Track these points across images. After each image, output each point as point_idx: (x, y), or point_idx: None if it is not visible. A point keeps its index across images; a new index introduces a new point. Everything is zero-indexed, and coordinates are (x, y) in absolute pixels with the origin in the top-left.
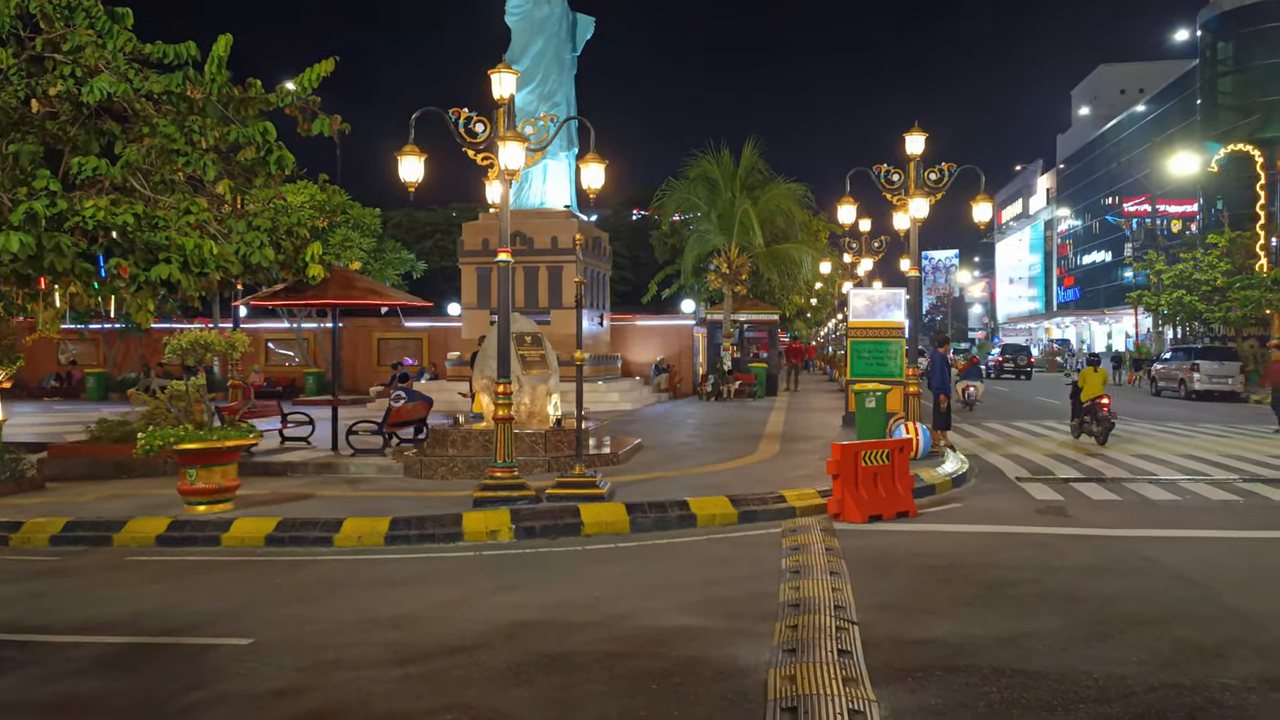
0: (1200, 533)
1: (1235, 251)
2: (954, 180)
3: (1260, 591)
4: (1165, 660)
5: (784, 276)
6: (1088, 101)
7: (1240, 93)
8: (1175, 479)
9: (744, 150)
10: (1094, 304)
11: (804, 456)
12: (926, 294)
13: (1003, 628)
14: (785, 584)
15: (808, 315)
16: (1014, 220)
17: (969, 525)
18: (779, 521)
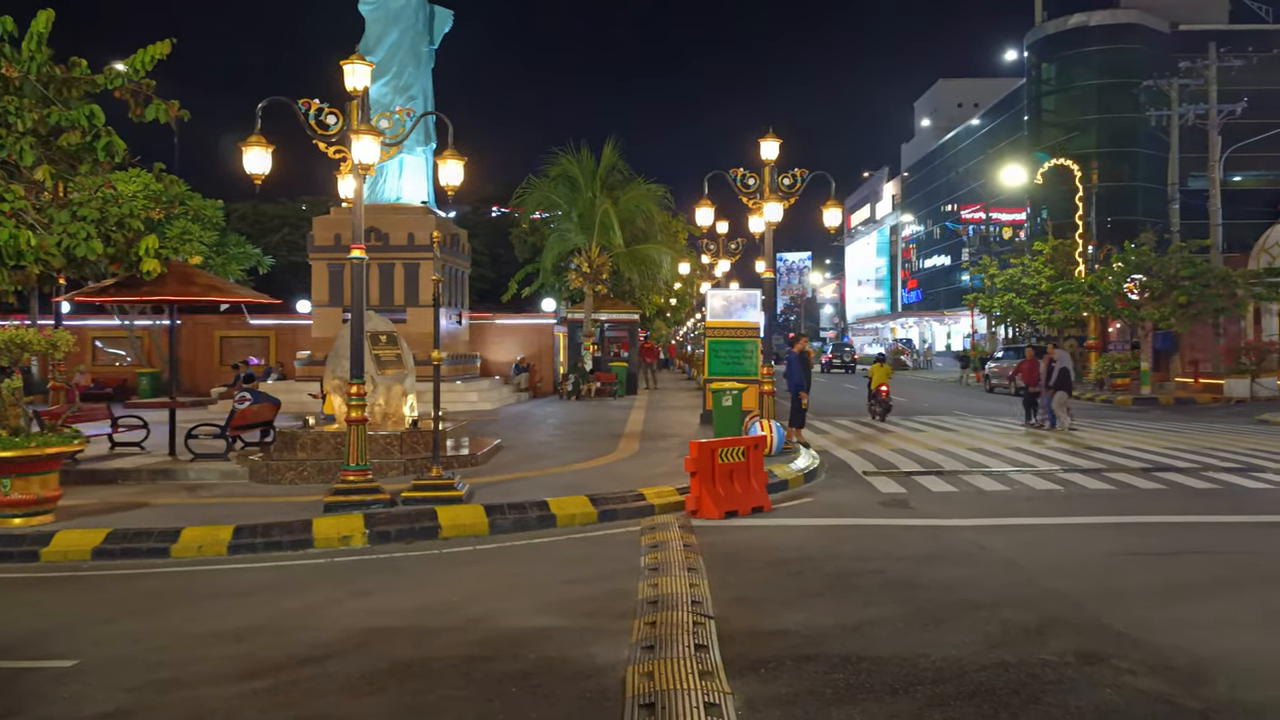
0: (1027, 520)
1: (1058, 258)
2: (806, 185)
3: (1077, 573)
4: (994, 641)
5: (644, 276)
6: (928, 114)
7: (1062, 110)
8: (1005, 470)
9: (604, 150)
10: (935, 305)
11: (663, 454)
12: (781, 295)
13: (849, 616)
14: (644, 581)
15: (668, 315)
16: (862, 225)
17: (819, 519)
18: (638, 520)
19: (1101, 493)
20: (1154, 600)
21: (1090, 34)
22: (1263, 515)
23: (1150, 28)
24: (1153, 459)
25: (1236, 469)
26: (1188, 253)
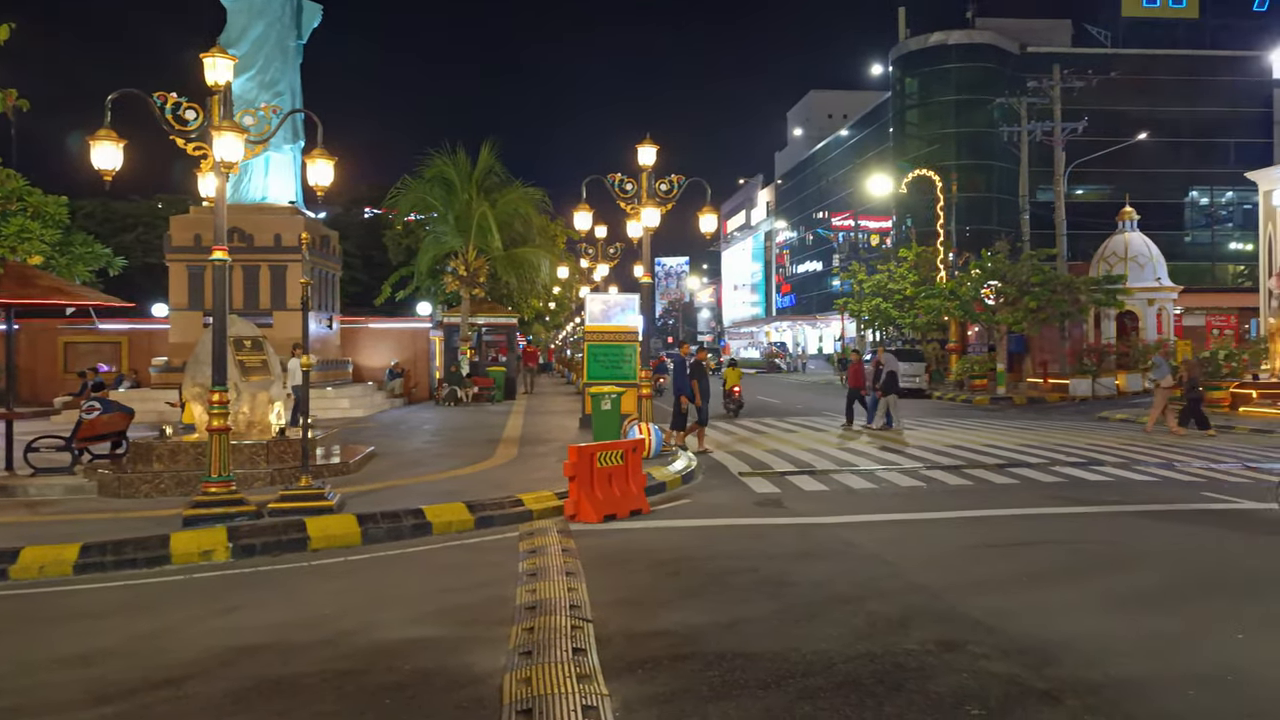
0: (893, 516)
1: (921, 264)
2: (684, 191)
3: (938, 566)
4: (860, 633)
5: (523, 280)
6: (801, 123)
7: (924, 124)
8: (873, 469)
9: (481, 152)
10: (808, 310)
11: (542, 459)
12: (660, 299)
13: (725, 615)
14: (522, 587)
15: (547, 319)
16: (739, 230)
17: (697, 520)
18: (517, 525)
19: (961, 488)
20: (1007, 588)
21: (948, 52)
22: (1102, 506)
23: (1002, 48)
24: (1007, 455)
25: (1080, 463)
26: (1037, 261)
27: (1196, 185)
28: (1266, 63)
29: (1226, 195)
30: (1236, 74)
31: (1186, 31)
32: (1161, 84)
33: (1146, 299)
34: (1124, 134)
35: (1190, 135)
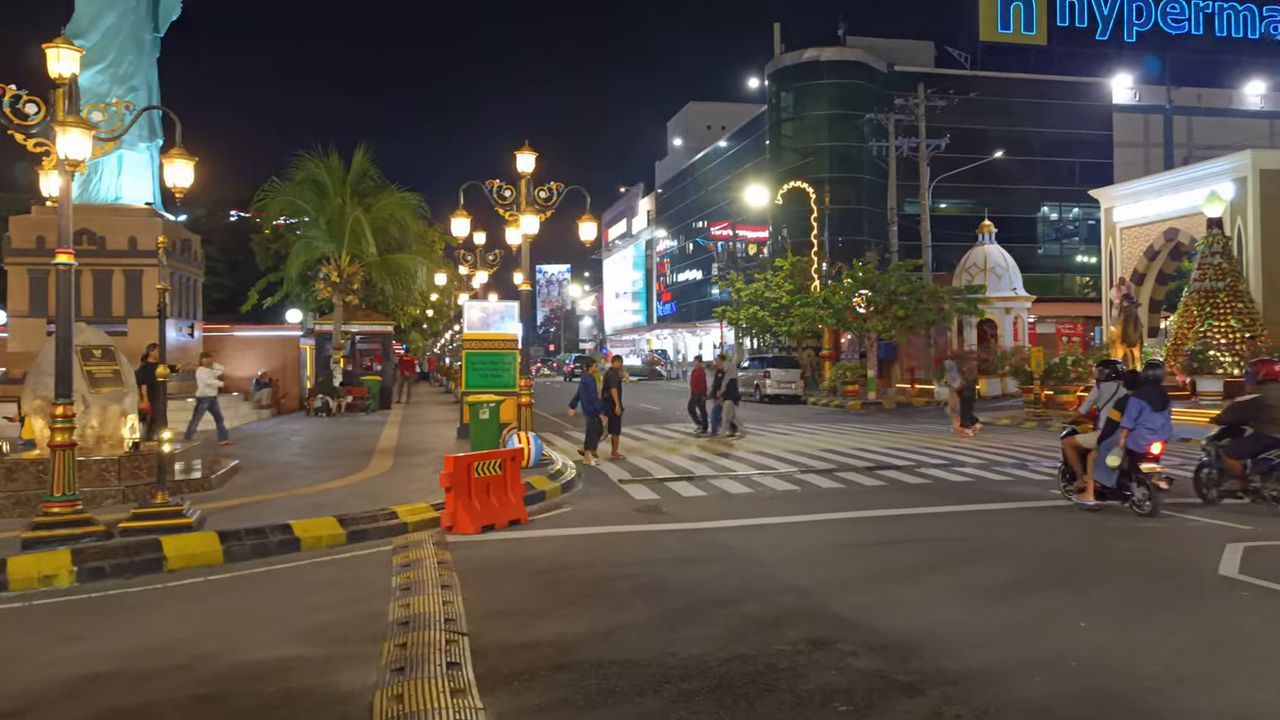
0: (768, 520)
1: (796, 274)
2: (566, 198)
3: (811, 566)
4: (736, 635)
5: (399, 287)
6: (680, 134)
7: (798, 137)
8: (749, 474)
9: (356, 155)
10: (688, 318)
11: (418, 470)
12: (541, 306)
13: (603, 623)
14: (396, 602)
15: (424, 326)
16: (620, 239)
17: (576, 528)
18: (391, 539)
19: (833, 491)
20: (875, 586)
21: (821, 68)
22: (962, 505)
23: (871, 67)
24: (876, 458)
25: (943, 464)
26: (905, 271)
27: (1047, 201)
28: (1107, 89)
29: (1074, 211)
30: (1081, 98)
31: (1037, 57)
32: (1015, 105)
33: (1004, 308)
34: (983, 151)
35: (1041, 154)
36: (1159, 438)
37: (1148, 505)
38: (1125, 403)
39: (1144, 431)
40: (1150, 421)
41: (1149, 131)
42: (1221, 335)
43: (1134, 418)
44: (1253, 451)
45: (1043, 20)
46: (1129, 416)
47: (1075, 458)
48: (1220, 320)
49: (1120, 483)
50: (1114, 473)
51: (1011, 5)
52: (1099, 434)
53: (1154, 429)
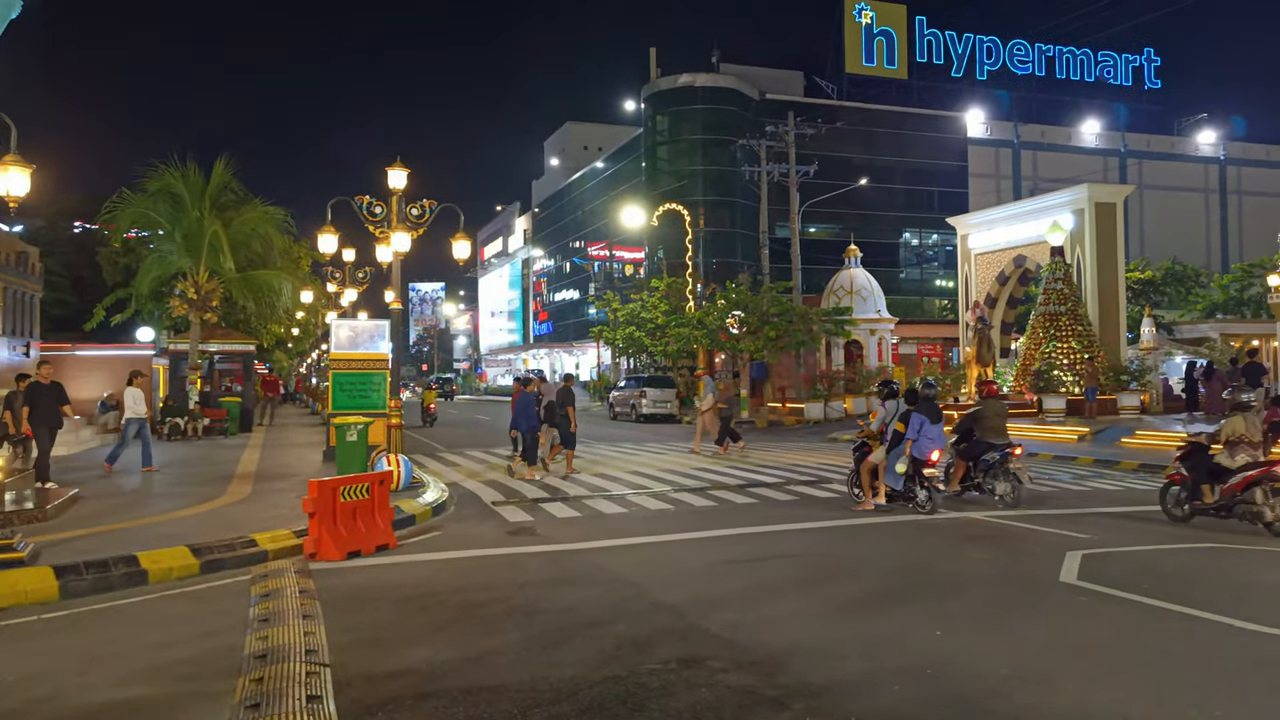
0: (642, 539)
1: (672, 294)
2: (439, 216)
3: (683, 585)
4: (608, 656)
5: (262, 304)
6: (558, 153)
7: (674, 160)
8: (624, 494)
9: (216, 167)
10: (565, 337)
11: (280, 496)
12: (414, 325)
13: (472, 648)
14: (253, 635)
15: (289, 345)
16: (496, 257)
17: (447, 552)
18: (249, 568)
19: (706, 509)
20: (745, 603)
21: (696, 93)
22: (829, 520)
23: (744, 93)
24: (747, 476)
25: (811, 481)
26: (776, 293)
27: (909, 227)
28: (962, 122)
29: (933, 237)
30: (939, 131)
31: (899, 90)
32: (879, 135)
33: (869, 329)
34: (849, 179)
35: (903, 182)
36: (937, 446)
37: (929, 505)
38: (908, 417)
39: (925, 442)
40: (929, 433)
41: (999, 163)
42: (1064, 356)
43: (916, 430)
44: (975, 455)
45: (903, 56)
46: (912, 429)
47: (866, 477)
48: (1063, 342)
49: (906, 486)
50: (901, 478)
51: (875, 41)
52: (887, 446)
53: (933, 439)
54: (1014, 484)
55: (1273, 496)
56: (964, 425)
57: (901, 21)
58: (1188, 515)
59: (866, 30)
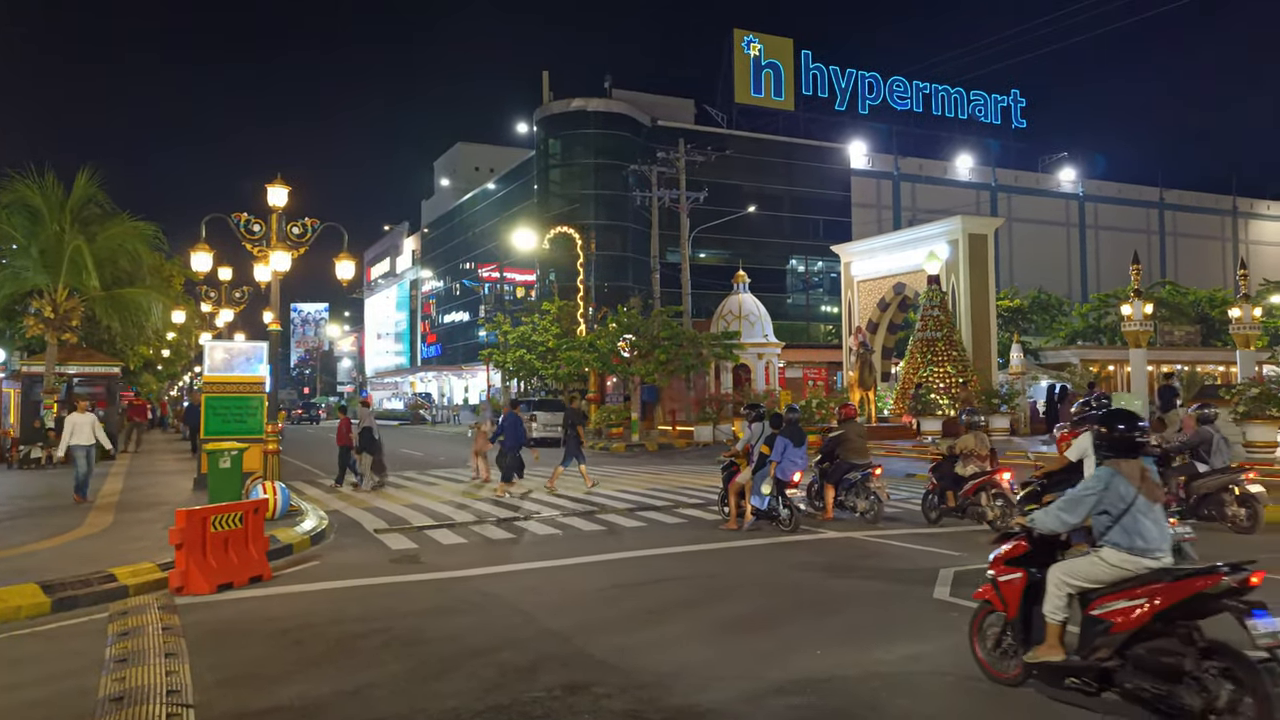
0: (530, 565)
1: (563, 317)
2: (322, 235)
3: (570, 610)
4: (492, 685)
5: (128, 324)
6: (448, 174)
7: (566, 183)
8: (512, 519)
9: (78, 179)
10: (454, 360)
11: (145, 527)
12: (295, 347)
13: (350, 681)
14: (109, 676)
15: (159, 368)
16: (383, 278)
17: (326, 583)
18: (107, 605)
19: (595, 533)
20: (631, 627)
21: (588, 118)
22: (716, 543)
23: (635, 119)
24: (637, 500)
25: (700, 504)
26: (667, 317)
27: (795, 254)
28: (846, 154)
29: (818, 265)
30: (824, 161)
31: (785, 121)
32: (767, 164)
33: (757, 353)
34: (738, 206)
35: (789, 211)
36: (799, 468)
37: (790, 523)
38: (773, 440)
39: (788, 464)
40: (792, 455)
41: (881, 194)
42: (940, 380)
43: (780, 452)
44: (839, 475)
45: (790, 88)
46: (776, 451)
47: (734, 497)
48: (939, 366)
49: (770, 505)
50: (767, 498)
51: (763, 72)
52: (753, 468)
53: (795, 462)
54: (873, 501)
55: (993, 500)
56: (828, 448)
57: (788, 55)
58: (937, 518)
59: (755, 62)
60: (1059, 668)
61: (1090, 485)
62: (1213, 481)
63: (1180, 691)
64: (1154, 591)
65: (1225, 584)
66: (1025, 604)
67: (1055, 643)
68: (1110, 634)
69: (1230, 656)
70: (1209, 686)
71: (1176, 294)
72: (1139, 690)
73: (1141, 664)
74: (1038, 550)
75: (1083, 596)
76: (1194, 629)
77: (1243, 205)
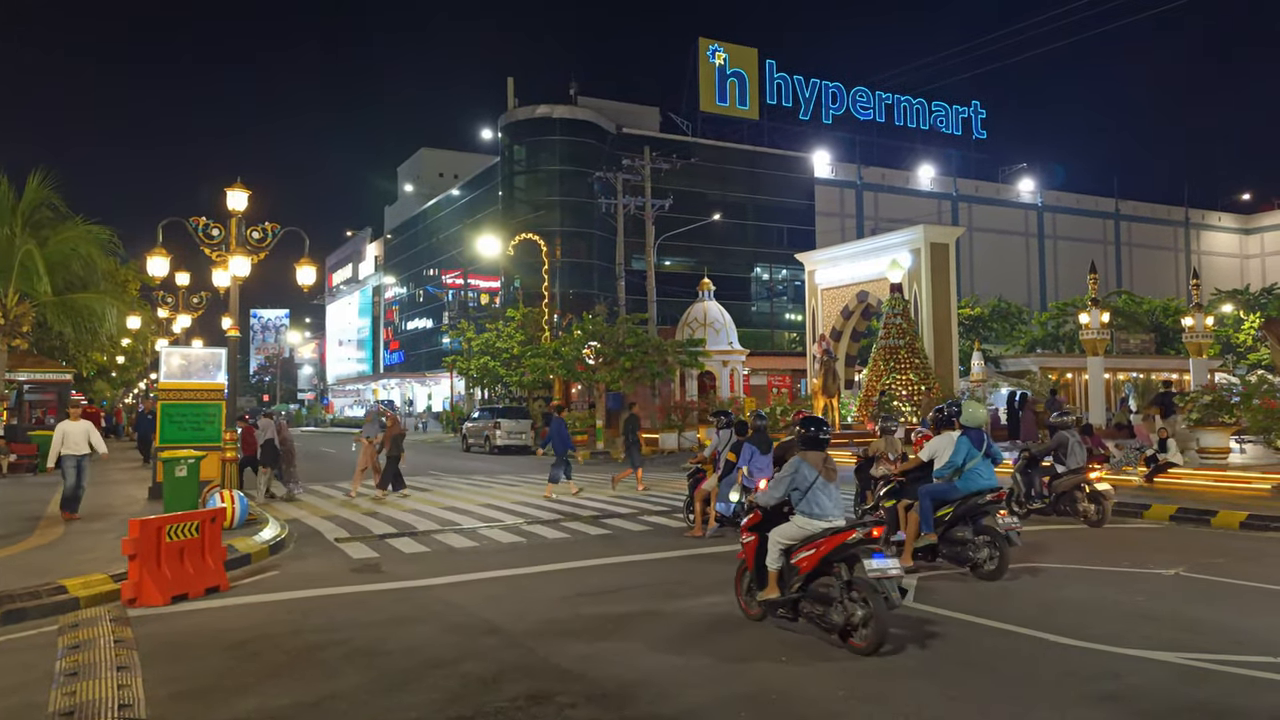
0: (493, 574)
1: (528, 324)
2: (283, 240)
3: (533, 619)
4: (454, 695)
5: (81, 330)
6: (411, 180)
7: (531, 190)
8: (476, 527)
9: (30, 182)
10: (417, 367)
11: (98, 537)
12: (255, 354)
13: (309, 693)
14: (59, 690)
15: (113, 375)
16: (345, 284)
17: (285, 593)
18: (58, 617)
19: (559, 542)
20: (596, 635)
21: (553, 125)
22: (680, 550)
23: (601, 126)
24: (601, 508)
25: (664, 511)
26: (632, 324)
27: (759, 262)
28: (810, 163)
29: (783, 273)
30: (789, 170)
31: (750, 130)
32: (732, 172)
33: (721, 360)
34: (703, 214)
35: (754, 219)
36: (765, 475)
37: None
38: (739, 447)
39: (755, 471)
40: (759, 463)
41: (844, 203)
42: (903, 387)
43: (747, 460)
44: None
45: (754, 97)
46: (743, 459)
47: (699, 504)
48: (902, 374)
49: (735, 512)
50: (733, 505)
51: (728, 81)
52: (719, 474)
53: (762, 469)
54: None
55: None
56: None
57: (753, 64)
58: (860, 515)
59: (720, 71)
60: (774, 603)
61: (785, 470)
62: (1067, 481)
63: (831, 612)
64: (820, 544)
65: (857, 537)
66: (758, 559)
67: (773, 585)
68: (799, 575)
69: (864, 587)
70: (849, 608)
71: (1132, 303)
72: (811, 613)
73: (813, 595)
74: (768, 519)
75: (788, 551)
76: (842, 569)
77: (1194, 217)
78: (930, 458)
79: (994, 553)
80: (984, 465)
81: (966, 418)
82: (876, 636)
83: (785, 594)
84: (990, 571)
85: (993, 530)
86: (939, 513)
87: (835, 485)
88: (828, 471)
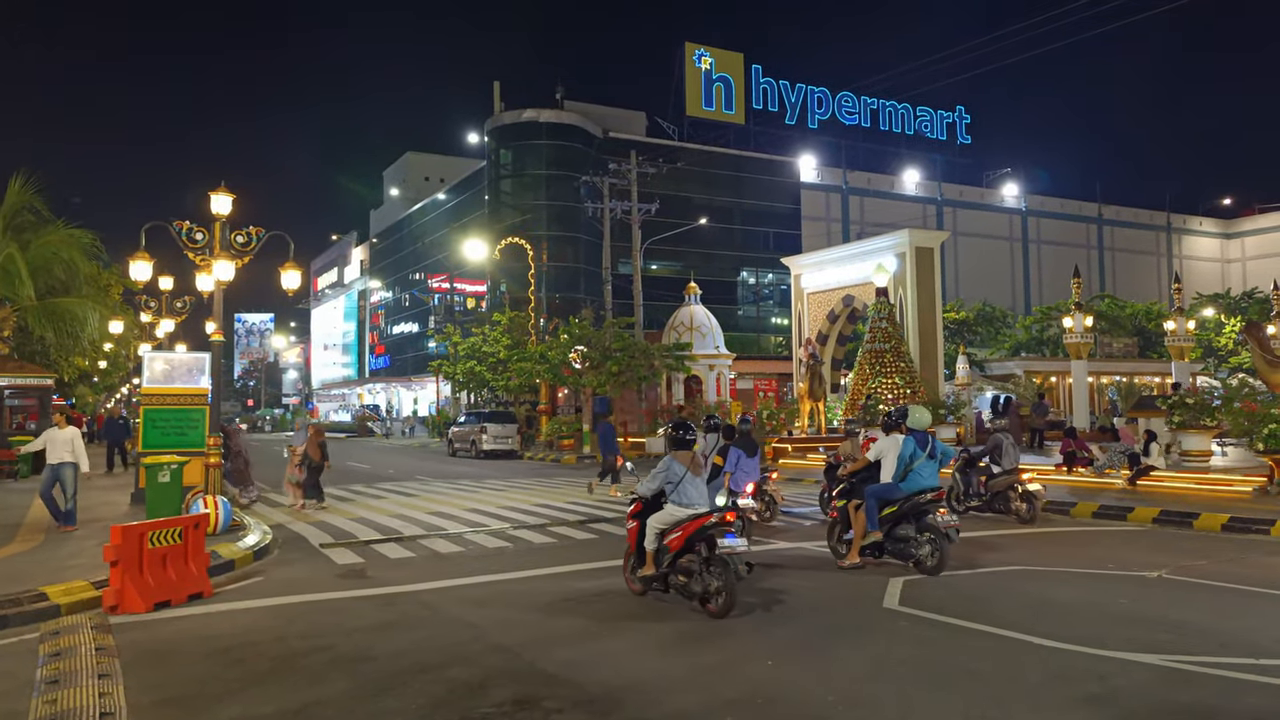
0: (479, 579)
1: (514, 328)
2: (268, 244)
3: (520, 624)
4: (439, 702)
5: (63, 335)
6: (397, 184)
7: (517, 194)
8: (461, 532)
9: (12, 185)
10: (403, 371)
11: (79, 544)
12: (239, 358)
13: (293, 700)
14: (40, 699)
15: (95, 380)
16: (330, 288)
17: (269, 599)
18: (38, 625)
19: (545, 546)
20: (582, 640)
21: (540, 129)
22: None
23: (588, 131)
24: (588, 512)
25: None
26: (618, 328)
27: (746, 267)
28: (796, 167)
29: (769, 277)
30: (775, 174)
31: (736, 134)
32: (718, 177)
33: (708, 364)
34: (689, 218)
35: (740, 223)
36: (751, 479)
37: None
38: (726, 451)
39: (741, 475)
40: (745, 466)
41: (830, 207)
42: (889, 391)
43: (733, 463)
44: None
45: (740, 102)
46: (730, 462)
47: None
48: (887, 378)
49: None
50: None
51: (714, 86)
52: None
53: (748, 472)
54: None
55: None
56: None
57: (739, 69)
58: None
59: (706, 75)
60: (650, 578)
61: (660, 467)
62: (1002, 481)
63: (692, 583)
64: (686, 527)
65: (714, 520)
66: (640, 542)
67: (650, 563)
68: (669, 553)
69: (719, 563)
70: (706, 580)
71: (1115, 307)
72: (677, 584)
73: (679, 569)
74: (648, 507)
75: (661, 534)
76: (702, 548)
77: (1176, 221)
78: (877, 458)
79: (935, 549)
80: (927, 466)
81: (913, 421)
82: (728, 602)
83: (659, 570)
84: (932, 567)
85: (934, 528)
86: (884, 512)
87: (701, 479)
88: (695, 467)
